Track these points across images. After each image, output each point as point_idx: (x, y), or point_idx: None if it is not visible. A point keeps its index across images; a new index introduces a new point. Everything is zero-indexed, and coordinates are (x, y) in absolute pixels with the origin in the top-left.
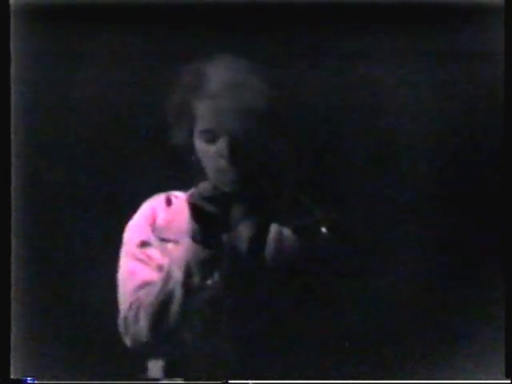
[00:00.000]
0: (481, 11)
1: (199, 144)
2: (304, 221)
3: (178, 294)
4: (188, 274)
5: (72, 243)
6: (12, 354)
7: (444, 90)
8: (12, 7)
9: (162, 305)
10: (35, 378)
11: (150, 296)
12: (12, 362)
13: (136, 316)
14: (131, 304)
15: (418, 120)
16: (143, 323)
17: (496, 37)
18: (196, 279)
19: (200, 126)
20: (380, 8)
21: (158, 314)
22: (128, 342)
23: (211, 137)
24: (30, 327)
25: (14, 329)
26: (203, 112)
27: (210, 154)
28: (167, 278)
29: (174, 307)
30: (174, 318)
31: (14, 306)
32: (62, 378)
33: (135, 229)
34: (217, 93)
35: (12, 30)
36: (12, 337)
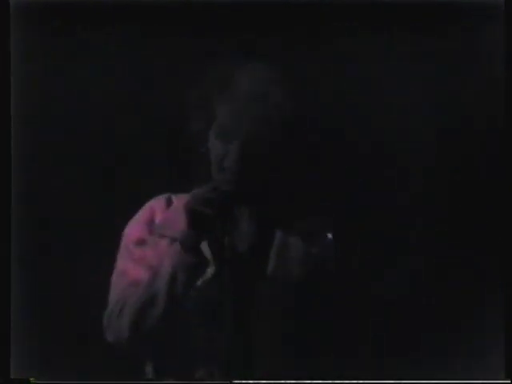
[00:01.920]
0: (481, 11)
1: (212, 140)
2: (310, 227)
3: (162, 296)
4: (173, 278)
5: (73, 244)
6: (12, 354)
7: (444, 89)
8: (12, 7)
9: (145, 305)
10: (35, 378)
11: (135, 294)
12: (12, 361)
13: (120, 312)
14: (118, 300)
15: (419, 120)
16: (125, 320)
17: (496, 37)
18: (180, 285)
19: (218, 123)
20: (382, 8)
21: (139, 314)
22: (109, 337)
23: (226, 136)
24: (30, 327)
25: (13, 329)
26: (223, 112)
27: (219, 151)
28: (154, 279)
29: (157, 309)
30: (155, 320)
31: (13, 306)
32: (62, 378)
33: (133, 227)
34: (240, 99)
35: (12, 30)
36: (12, 337)
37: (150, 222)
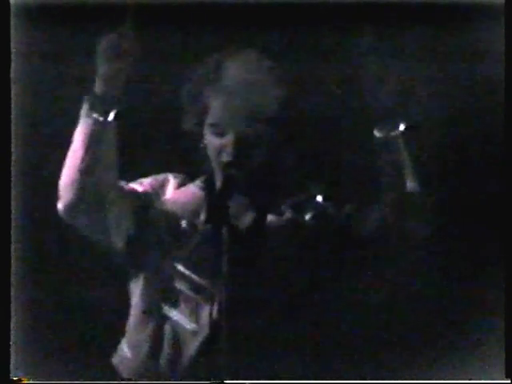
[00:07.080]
0: (481, 11)
1: (207, 135)
2: (300, 197)
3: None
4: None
5: (73, 244)
6: (12, 353)
7: (444, 88)
8: (12, 7)
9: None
10: (35, 378)
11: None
12: (12, 361)
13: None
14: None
15: (417, 120)
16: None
17: (496, 37)
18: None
19: (210, 118)
20: (382, 8)
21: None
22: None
23: (219, 131)
24: (30, 327)
25: (13, 329)
26: (215, 105)
27: (215, 146)
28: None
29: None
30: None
31: (13, 306)
32: (61, 378)
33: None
34: (231, 89)
35: (12, 29)
36: (12, 337)
37: (156, 186)
